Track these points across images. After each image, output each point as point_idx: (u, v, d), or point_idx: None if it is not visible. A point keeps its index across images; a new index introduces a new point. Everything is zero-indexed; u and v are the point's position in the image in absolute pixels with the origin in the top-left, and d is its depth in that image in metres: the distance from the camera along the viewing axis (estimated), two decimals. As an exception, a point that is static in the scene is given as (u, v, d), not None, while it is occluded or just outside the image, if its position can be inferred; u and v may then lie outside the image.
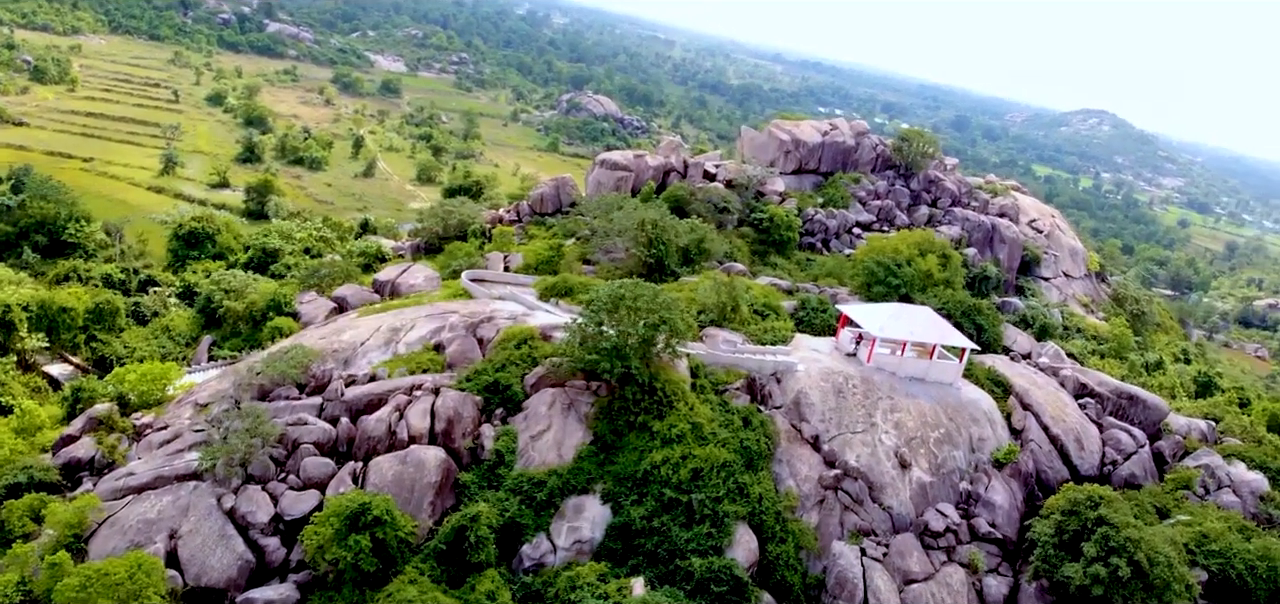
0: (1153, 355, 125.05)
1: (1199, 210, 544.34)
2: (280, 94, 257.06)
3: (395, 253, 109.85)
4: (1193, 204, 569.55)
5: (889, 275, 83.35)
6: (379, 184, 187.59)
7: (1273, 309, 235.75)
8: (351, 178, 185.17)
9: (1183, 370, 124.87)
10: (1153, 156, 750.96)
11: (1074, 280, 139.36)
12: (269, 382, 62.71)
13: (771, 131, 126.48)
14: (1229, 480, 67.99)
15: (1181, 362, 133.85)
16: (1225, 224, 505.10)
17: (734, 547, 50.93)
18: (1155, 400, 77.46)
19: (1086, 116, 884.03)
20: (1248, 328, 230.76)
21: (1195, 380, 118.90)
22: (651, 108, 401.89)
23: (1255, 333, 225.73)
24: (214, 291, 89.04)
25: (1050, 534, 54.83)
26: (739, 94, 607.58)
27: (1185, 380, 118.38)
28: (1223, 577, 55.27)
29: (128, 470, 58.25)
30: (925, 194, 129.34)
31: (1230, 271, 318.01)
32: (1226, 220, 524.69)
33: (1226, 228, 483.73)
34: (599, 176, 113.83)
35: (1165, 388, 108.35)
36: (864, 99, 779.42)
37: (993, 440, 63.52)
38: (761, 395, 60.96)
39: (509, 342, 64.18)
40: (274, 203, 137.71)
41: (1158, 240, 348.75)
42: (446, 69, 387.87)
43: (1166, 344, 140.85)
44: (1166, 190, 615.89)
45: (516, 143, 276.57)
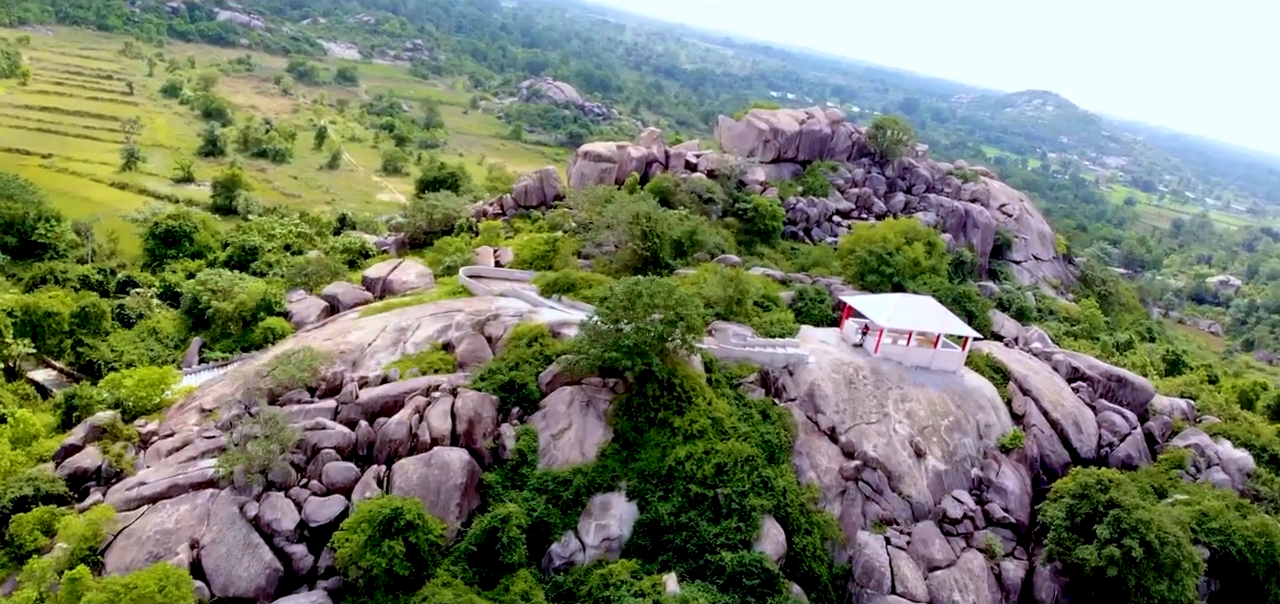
0: (1123, 335, 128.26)
1: (1143, 188, 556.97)
2: (236, 84, 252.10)
3: (379, 248, 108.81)
4: (1137, 182, 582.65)
5: (881, 264, 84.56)
6: (345, 176, 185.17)
7: (1224, 286, 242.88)
8: (317, 170, 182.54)
9: (1151, 349, 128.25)
10: (1097, 136, 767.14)
11: (1043, 263, 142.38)
12: (279, 385, 61.92)
13: (750, 121, 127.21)
14: (1218, 458, 70.36)
15: (1147, 340, 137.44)
16: (1169, 202, 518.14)
17: (762, 540, 51.62)
18: (1142, 382, 79.79)
19: (1031, 98, 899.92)
20: (1200, 304, 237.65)
21: (1164, 359, 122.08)
22: (609, 93, 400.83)
23: (1208, 309, 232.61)
24: (201, 292, 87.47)
25: (1062, 517, 56.32)
26: (693, 79, 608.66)
27: (1154, 359, 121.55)
28: (1223, 553, 57.28)
29: (138, 480, 57.25)
30: (900, 181, 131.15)
31: (1179, 249, 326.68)
32: (1170, 198, 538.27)
33: (1171, 206, 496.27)
34: (582, 168, 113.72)
35: (1136, 367, 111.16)
36: (814, 83, 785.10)
37: (998, 427, 64.99)
38: (775, 389, 61.68)
39: (520, 340, 64.12)
40: (243, 198, 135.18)
41: (1108, 219, 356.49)
42: (401, 56, 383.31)
43: (1132, 323, 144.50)
44: (1111, 169, 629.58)
45: (478, 131, 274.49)
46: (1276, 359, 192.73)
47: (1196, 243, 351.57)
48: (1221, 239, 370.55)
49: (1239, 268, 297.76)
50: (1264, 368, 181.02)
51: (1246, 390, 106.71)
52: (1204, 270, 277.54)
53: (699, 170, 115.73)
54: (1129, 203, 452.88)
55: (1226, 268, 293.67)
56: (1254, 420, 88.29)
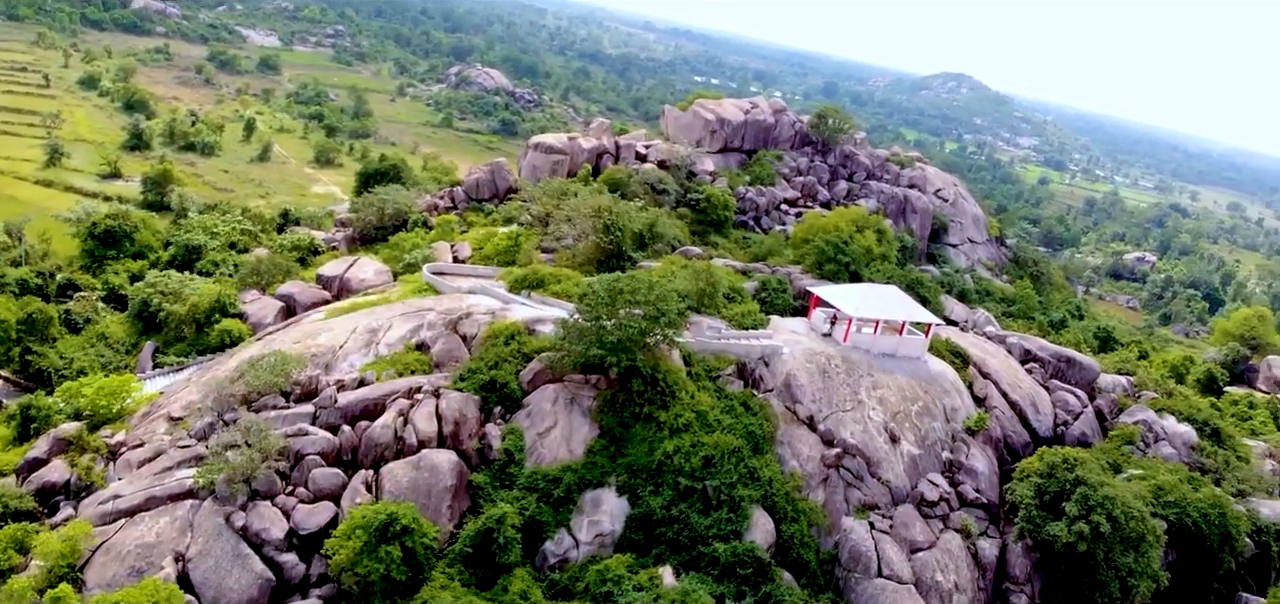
0: (1056, 314, 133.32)
1: (1055, 168, 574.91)
2: (156, 75, 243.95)
3: (328, 245, 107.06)
4: (1049, 162, 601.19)
5: (838, 253, 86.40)
6: (277, 168, 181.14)
7: (1140, 262, 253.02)
8: (247, 162, 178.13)
9: (1083, 327, 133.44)
10: (1009, 117, 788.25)
11: (978, 246, 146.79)
12: (252, 392, 60.88)
13: (696, 111, 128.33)
14: (1164, 433, 73.94)
15: (1077, 318, 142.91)
16: (1081, 180, 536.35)
17: (752, 529, 52.81)
18: (1089, 361, 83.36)
19: (945, 80, 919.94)
20: (1118, 280, 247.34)
21: (1095, 336, 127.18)
22: (538, 80, 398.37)
23: (1125, 285, 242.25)
24: (150, 295, 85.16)
25: (1031, 496, 58.76)
26: (618, 64, 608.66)
27: (1087, 336, 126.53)
28: (1180, 525, 60.31)
29: (112, 493, 55.83)
30: (842, 169, 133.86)
31: (1094, 227, 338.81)
32: (1081, 177, 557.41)
33: (1083, 184, 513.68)
34: (534, 160, 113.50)
35: (1072, 345, 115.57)
36: (736, 68, 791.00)
37: (964, 410, 67.34)
38: (752, 380, 62.90)
39: (496, 338, 64.12)
40: (177, 194, 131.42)
41: (1025, 199, 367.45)
42: (323, 43, 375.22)
43: (1062, 302, 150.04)
44: (1024, 150, 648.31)
45: (408, 119, 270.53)
46: (1193, 332, 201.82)
47: (1109, 220, 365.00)
48: (1132, 216, 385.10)
49: (1151, 244, 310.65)
50: (1181, 341, 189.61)
51: (1177, 365, 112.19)
52: (1120, 247, 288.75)
53: (649, 161, 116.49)
54: (1043, 182, 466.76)
55: (1140, 244, 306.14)
56: (1188, 394, 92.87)
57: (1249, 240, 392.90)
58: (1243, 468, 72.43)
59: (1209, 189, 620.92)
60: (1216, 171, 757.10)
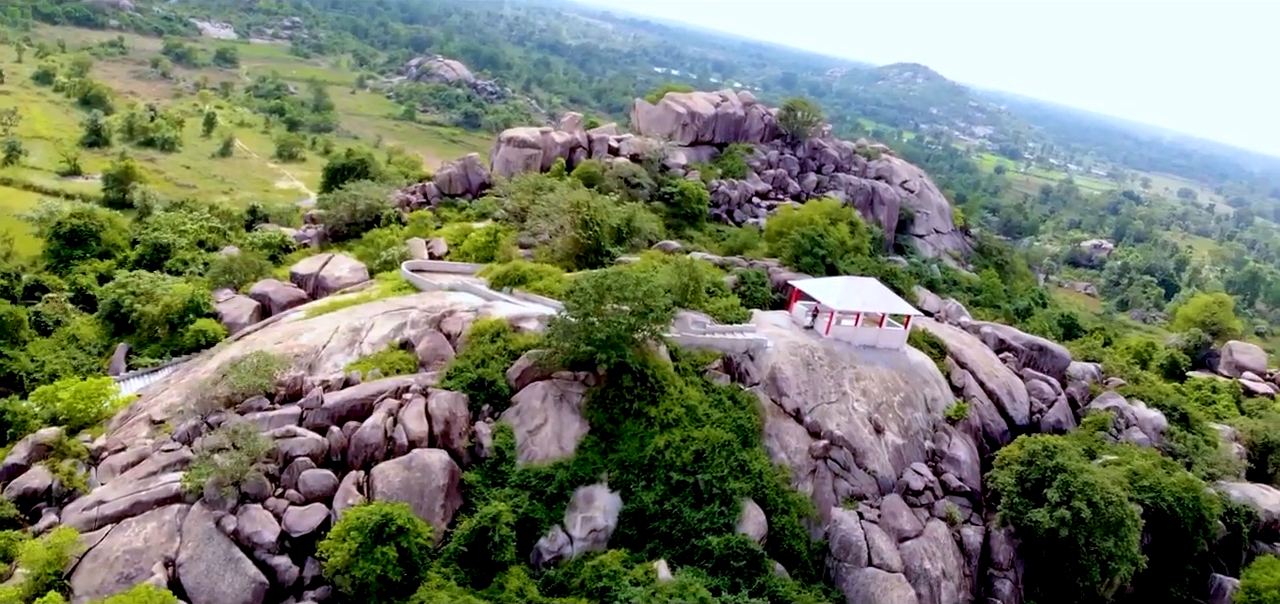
0: (1021, 302, 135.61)
1: (1010, 156, 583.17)
2: (111, 69, 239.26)
3: (299, 242, 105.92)
4: (1004, 151, 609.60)
5: (814, 246, 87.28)
6: (239, 163, 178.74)
7: (1097, 250, 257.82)
8: (209, 158, 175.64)
9: (1047, 314, 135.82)
10: (964, 107, 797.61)
11: (944, 236, 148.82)
12: (237, 393, 60.30)
13: (667, 104, 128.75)
14: (1135, 419, 75.70)
15: (1040, 306, 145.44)
16: (1036, 168, 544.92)
17: (745, 522, 53.41)
18: (1060, 349, 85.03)
19: (902, 70, 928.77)
20: (1076, 267, 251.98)
21: (1060, 323, 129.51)
22: (499, 71, 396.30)
23: (1083, 272, 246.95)
24: (121, 296, 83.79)
25: (1013, 483, 60.01)
26: (578, 55, 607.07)
27: (1051, 324, 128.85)
28: (1155, 509, 61.79)
29: (96, 498, 55.11)
30: (811, 161, 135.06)
31: (1050, 215, 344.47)
32: (1036, 165, 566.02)
33: (1038, 172, 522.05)
34: (507, 155, 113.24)
35: (1037, 333, 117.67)
36: (695, 59, 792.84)
37: (943, 400, 68.47)
38: (738, 374, 63.44)
39: (482, 336, 64.06)
40: (140, 192, 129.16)
41: (983, 188, 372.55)
42: (279, 35, 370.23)
43: (1026, 290, 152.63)
44: (980, 139, 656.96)
45: (369, 112, 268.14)
46: (1150, 318, 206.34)
47: (1065, 208, 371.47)
48: (1087, 204, 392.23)
49: (1107, 231, 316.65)
50: (1139, 327, 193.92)
51: (1140, 351, 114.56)
52: (1077, 235, 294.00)
53: (622, 154, 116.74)
54: (999, 171, 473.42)
55: (1095, 232, 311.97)
56: (1153, 379, 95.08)
57: (1201, 226, 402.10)
58: (1211, 452, 74.30)
59: (1160, 176, 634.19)
60: (1167, 159, 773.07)
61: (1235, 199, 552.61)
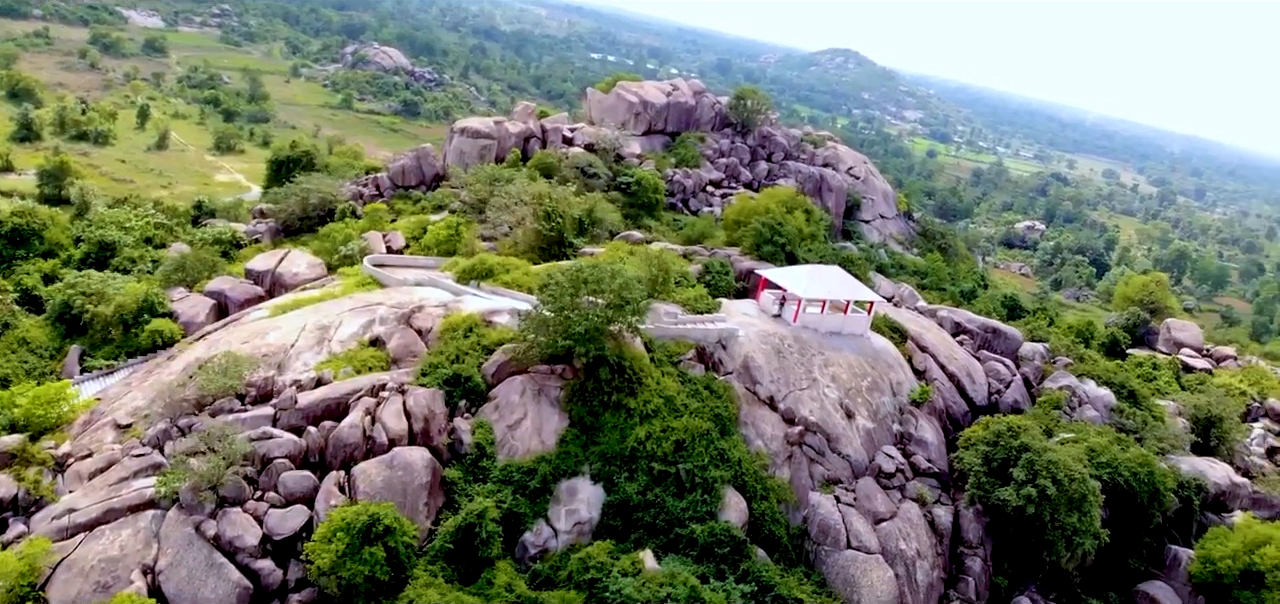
0: (966, 285, 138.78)
1: (941, 140, 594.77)
2: (38, 60, 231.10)
3: (250, 238, 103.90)
4: (935, 134, 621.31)
5: (774, 235, 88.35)
6: (175, 156, 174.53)
7: (1030, 231, 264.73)
8: (144, 151, 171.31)
9: (990, 296, 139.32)
10: (895, 92, 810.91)
11: (889, 221, 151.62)
12: (208, 395, 59.27)
13: (619, 93, 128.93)
14: (1087, 397, 78.35)
15: (982, 288, 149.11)
16: (966, 152, 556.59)
17: (726, 509, 54.28)
18: (1012, 331, 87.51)
19: (833, 56, 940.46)
20: (1010, 249, 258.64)
21: (1003, 304, 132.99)
22: (435, 57, 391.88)
23: (1017, 253, 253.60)
24: (72, 296, 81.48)
25: (979, 463, 61.85)
26: (514, 41, 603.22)
27: (995, 305, 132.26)
28: (1113, 484, 64.08)
29: (66, 506, 53.76)
30: (761, 149, 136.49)
31: (983, 197, 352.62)
32: (966, 148, 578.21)
33: (968, 155, 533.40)
34: (461, 145, 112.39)
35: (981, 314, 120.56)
36: (630, 45, 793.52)
37: (907, 383, 70.16)
38: (712, 363, 64.24)
39: (454, 331, 63.84)
40: (78, 187, 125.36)
41: (917, 173, 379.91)
42: (208, 23, 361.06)
43: (968, 272, 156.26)
44: (911, 123, 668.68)
45: (306, 101, 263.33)
46: (1082, 296, 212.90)
47: (997, 190, 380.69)
48: (1017, 185, 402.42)
49: (1038, 212, 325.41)
50: (1073, 305, 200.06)
51: (1081, 330, 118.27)
52: (1011, 217, 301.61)
53: (576, 144, 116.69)
54: (931, 155, 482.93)
55: (1027, 213, 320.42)
56: (1097, 358, 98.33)
57: (1126, 206, 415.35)
58: (1159, 427, 77.24)
59: (1084, 157, 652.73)
60: (1090, 140, 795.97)
61: (1157, 179, 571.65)
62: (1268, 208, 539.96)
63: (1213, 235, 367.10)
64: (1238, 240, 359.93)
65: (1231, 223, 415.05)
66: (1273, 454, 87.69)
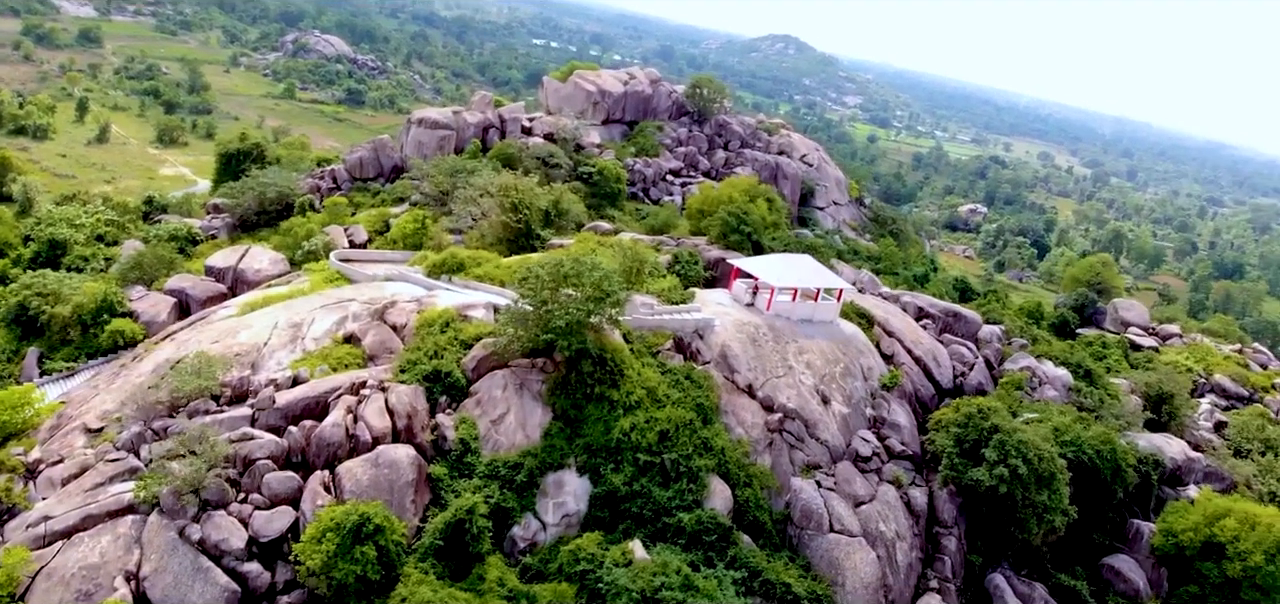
0: (918, 269, 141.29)
1: (881, 125, 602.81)
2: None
3: (206, 233, 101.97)
4: (875, 120, 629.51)
5: (740, 224, 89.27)
6: (117, 150, 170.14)
7: (973, 214, 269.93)
8: (85, 145, 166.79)
9: (941, 279, 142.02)
10: (835, 77, 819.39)
11: (842, 207, 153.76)
12: (183, 397, 58.28)
13: (577, 83, 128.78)
14: (1046, 377, 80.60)
15: (933, 271, 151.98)
16: (906, 136, 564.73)
17: (712, 498, 54.96)
18: (972, 314, 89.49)
19: (773, 42, 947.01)
20: (954, 231, 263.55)
21: (955, 287, 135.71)
22: (376, 45, 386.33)
23: (960, 236, 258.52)
24: (27, 297, 79.35)
25: (952, 445, 63.37)
26: (455, 27, 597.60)
27: (947, 288, 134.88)
28: (1078, 461, 66.03)
29: (41, 514, 52.58)
30: (718, 138, 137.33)
31: (925, 181, 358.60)
32: (906, 133, 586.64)
33: (908, 140, 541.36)
34: (418, 136, 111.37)
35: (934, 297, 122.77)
36: (573, 31, 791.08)
37: (877, 368, 71.52)
38: (690, 353, 64.82)
39: (430, 326, 63.59)
40: (21, 184, 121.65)
41: (859, 158, 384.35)
42: (143, 11, 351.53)
43: (918, 257, 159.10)
44: (851, 108, 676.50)
45: (247, 91, 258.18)
46: (1025, 277, 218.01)
47: (937, 174, 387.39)
48: (957, 168, 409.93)
49: (978, 195, 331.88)
50: (1016, 286, 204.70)
51: (1031, 311, 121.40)
52: (953, 200, 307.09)
53: (535, 134, 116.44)
54: (872, 140, 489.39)
55: (967, 196, 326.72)
56: (1049, 338, 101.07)
57: (1062, 187, 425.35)
58: (1115, 404, 79.79)
59: (1020, 140, 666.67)
60: (1024, 123, 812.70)
61: (1090, 161, 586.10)
62: (1197, 187, 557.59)
63: (1146, 215, 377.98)
64: (1170, 220, 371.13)
65: (1163, 202, 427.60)
66: (1219, 428, 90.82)
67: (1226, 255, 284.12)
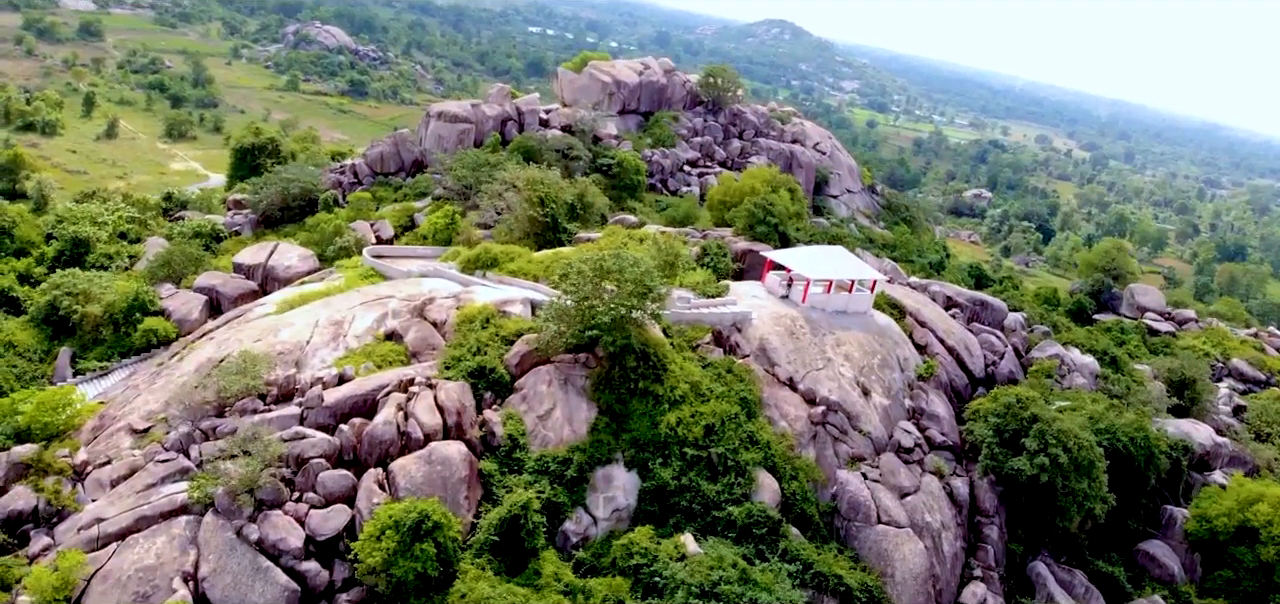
0: (933, 256, 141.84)
1: (879, 110, 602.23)
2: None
3: (230, 230, 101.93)
4: (872, 104, 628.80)
5: (767, 215, 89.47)
6: (127, 145, 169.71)
7: (978, 199, 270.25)
8: (94, 141, 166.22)
9: (955, 266, 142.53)
10: (831, 62, 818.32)
11: (855, 195, 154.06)
12: (231, 396, 58.54)
13: (592, 74, 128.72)
14: (1074, 365, 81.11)
15: (946, 258, 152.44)
16: (904, 121, 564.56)
17: (760, 491, 55.34)
18: (999, 303, 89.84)
19: (769, 27, 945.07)
20: (959, 217, 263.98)
21: (970, 274, 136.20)
22: (375, 35, 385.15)
23: (966, 221, 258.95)
24: (58, 297, 79.35)
25: (991, 435, 63.86)
26: (451, 15, 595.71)
27: (961, 276, 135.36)
28: (1112, 448, 66.58)
29: (93, 516, 52.94)
30: (733, 127, 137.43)
31: (928, 167, 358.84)
32: (904, 118, 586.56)
33: (906, 125, 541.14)
34: (439, 130, 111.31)
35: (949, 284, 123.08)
36: (568, 19, 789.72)
37: (913, 359, 71.94)
38: (728, 346, 65.17)
39: (471, 323, 63.88)
40: (35, 181, 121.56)
41: (860, 144, 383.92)
42: (141, 4, 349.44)
43: (930, 243, 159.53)
44: (849, 93, 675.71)
45: (251, 83, 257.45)
46: (1031, 262, 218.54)
47: (939, 159, 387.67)
48: (957, 153, 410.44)
49: (981, 180, 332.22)
50: (1023, 271, 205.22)
51: (1047, 297, 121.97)
52: (958, 185, 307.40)
53: (552, 126, 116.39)
54: (871, 125, 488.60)
55: (970, 180, 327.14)
56: (1068, 325, 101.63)
57: (1062, 171, 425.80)
58: (1142, 390, 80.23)
59: (1017, 123, 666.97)
60: (1021, 106, 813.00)
61: (1088, 143, 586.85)
62: (1194, 168, 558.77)
63: (1146, 197, 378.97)
64: (1170, 202, 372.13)
65: (1162, 185, 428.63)
66: (1239, 412, 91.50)
67: (1227, 238, 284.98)
